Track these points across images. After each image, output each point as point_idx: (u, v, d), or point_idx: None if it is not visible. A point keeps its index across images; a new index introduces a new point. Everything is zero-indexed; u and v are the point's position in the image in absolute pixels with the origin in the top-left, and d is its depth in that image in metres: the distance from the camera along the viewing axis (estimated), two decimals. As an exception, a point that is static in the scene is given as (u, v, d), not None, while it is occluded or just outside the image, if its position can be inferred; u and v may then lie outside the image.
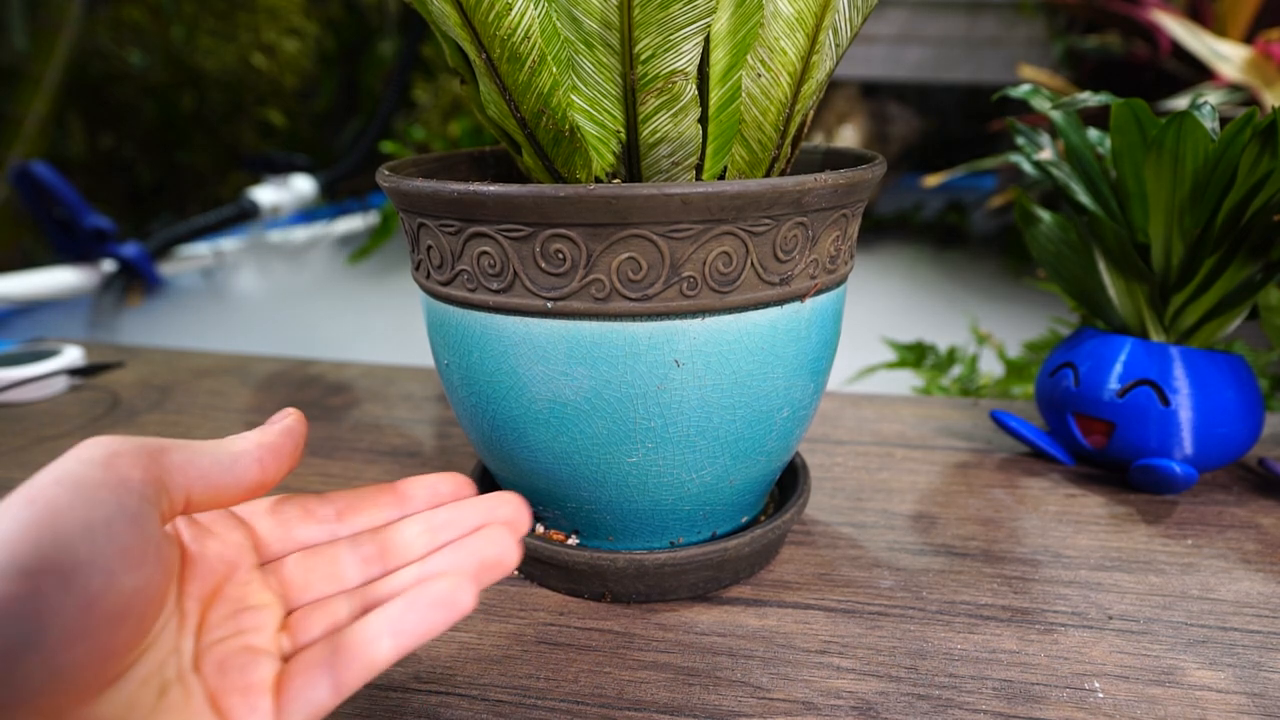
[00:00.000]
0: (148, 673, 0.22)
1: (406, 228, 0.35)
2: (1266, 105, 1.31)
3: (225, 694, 0.23)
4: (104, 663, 0.20)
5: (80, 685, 0.20)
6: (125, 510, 0.21)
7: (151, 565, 0.21)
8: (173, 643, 0.23)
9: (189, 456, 0.23)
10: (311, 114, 3.26)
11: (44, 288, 1.88)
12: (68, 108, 2.64)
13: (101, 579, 0.20)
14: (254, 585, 0.26)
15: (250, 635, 0.24)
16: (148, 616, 0.21)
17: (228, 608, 0.25)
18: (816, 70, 0.32)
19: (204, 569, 0.25)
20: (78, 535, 0.20)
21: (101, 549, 0.20)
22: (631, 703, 0.31)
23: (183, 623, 0.24)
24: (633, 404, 0.32)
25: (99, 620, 0.20)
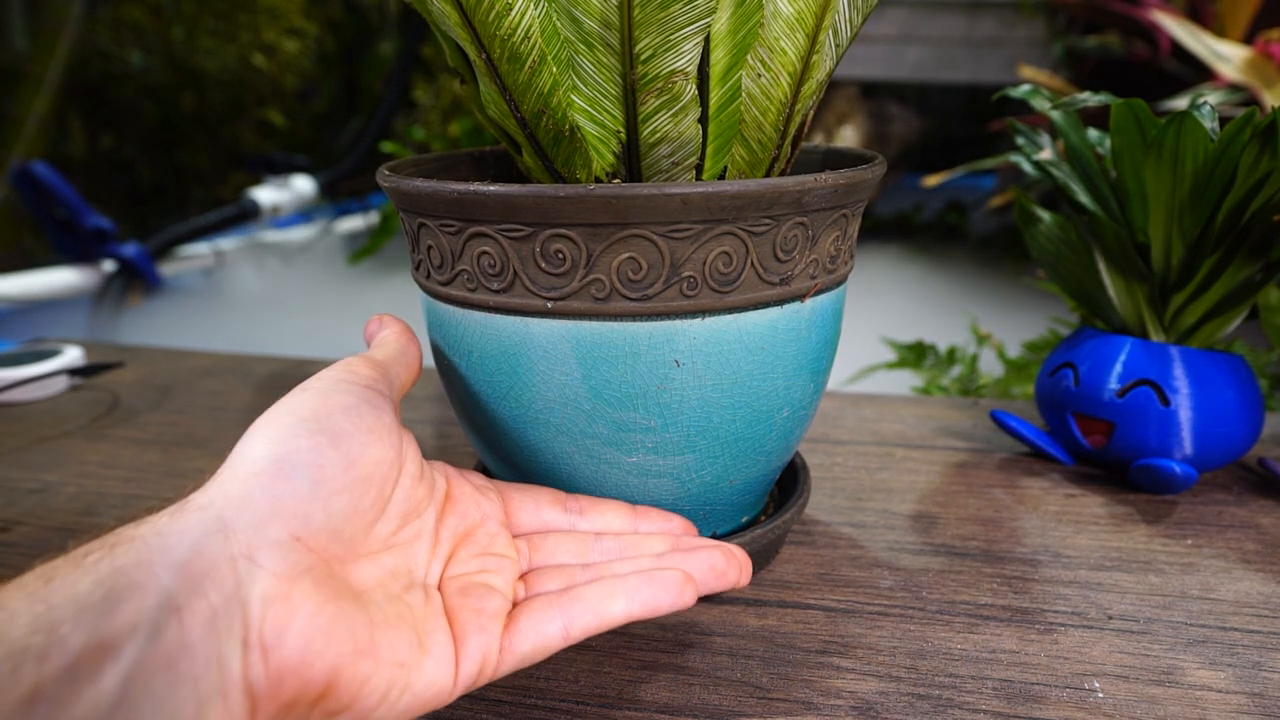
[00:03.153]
0: (397, 566, 0.25)
1: (406, 228, 0.35)
2: (1266, 105, 1.31)
3: (461, 610, 0.26)
4: (358, 521, 0.24)
5: (344, 539, 0.24)
6: (367, 399, 0.26)
7: (386, 443, 0.26)
8: (425, 558, 0.27)
9: (388, 356, 0.30)
10: (311, 114, 3.26)
11: (44, 288, 1.88)
12: (68, 108, 2.64)
13: (358, 445, 0.25)
14: (501, 538, 0.29)
15: (492, 575, 0.28)
16: (386, 486, 0.25)
17: (475, 548, 0.28)
18: (816, 70, 0.32)
19: (461, 510, 0.29)
20: (340, 412, 0.25)
21: (356, 423, 0.25)
22: (631, 703, 0.31)
23: (435, 547, 0.27)
24: (633, 404, 0.32)
25: (356, 479, 0.24)
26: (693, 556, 0.29)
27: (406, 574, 0.26)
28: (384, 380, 0.28)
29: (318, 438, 0.24)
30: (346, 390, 0.26)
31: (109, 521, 0.44)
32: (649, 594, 0.26)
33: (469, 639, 0.25)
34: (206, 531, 0.21)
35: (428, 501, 0.28)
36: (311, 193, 2.44)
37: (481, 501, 0.30)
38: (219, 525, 0.21)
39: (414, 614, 0.24)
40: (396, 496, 0.26)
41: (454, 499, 0.29)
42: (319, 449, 0.24)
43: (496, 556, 0.28)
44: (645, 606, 0.26)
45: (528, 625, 0.26)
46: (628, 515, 0.32)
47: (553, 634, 0.26)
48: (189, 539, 0.21)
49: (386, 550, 0.25)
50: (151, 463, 0.52)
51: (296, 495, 0.23)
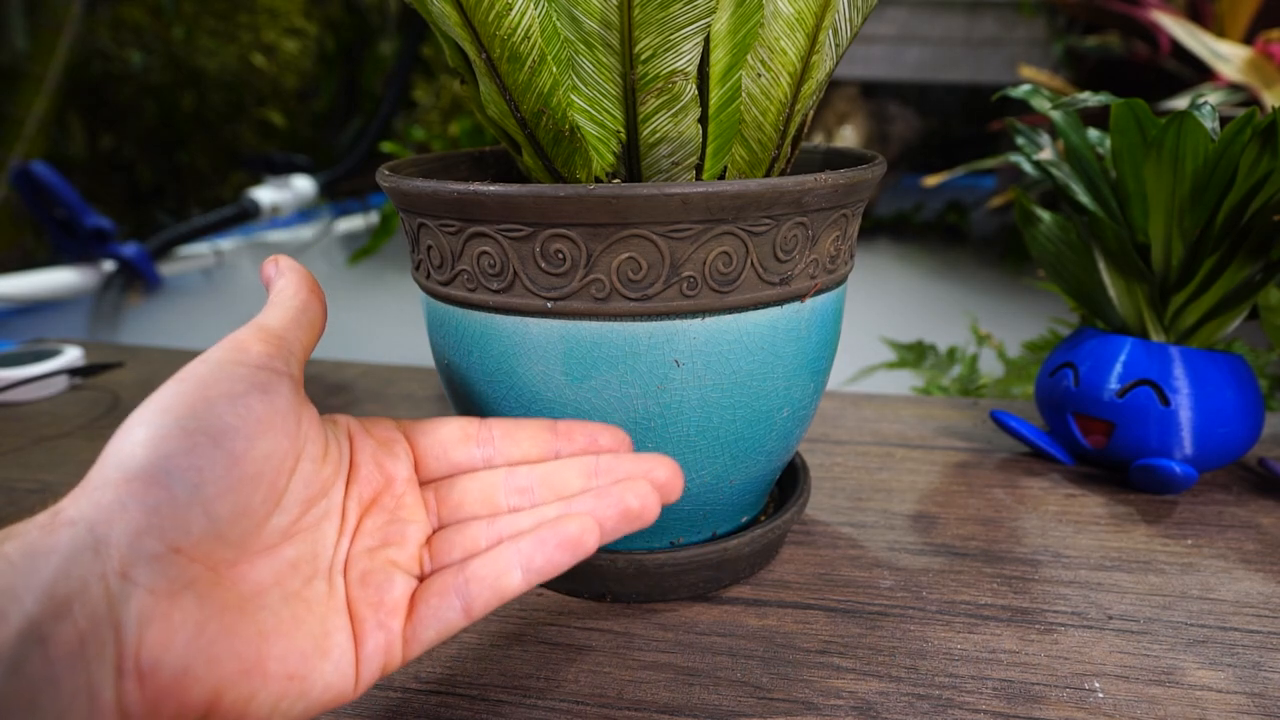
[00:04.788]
0: (299, 556, 0.24)
1: (406, 228, 0.35)
2: (1266, 105, 1.31)
3: (360, 604, 0.25)
4: (246, 521, 0.22)
5: (231, 542, 0.22)
6: (257, 383, 0.24)
7: (278, 432, 0.23)
8: (332, 538, 0.25)
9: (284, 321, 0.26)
10: (311, 114, 3.26)
11: (44, 288, 1.88)
12: (68, 108, 2.64)
13: (243, 441, 0.22)
14: (408, 499, 0.28)
15: (395, 549, 0.26)
16: (280, 478, 0.23)
17: (381, 517, 0.27)
18: (816, 70, 0.32)
19: (365, 475, 0.27)
20: (223, 403, 0.23)
21: (242, 415, 0.23)
22: (631, 703, 0.31)
23: (343, 524, 0.26)
24: (633, 404, 0.32)
25: (241, 478, 0.22)
26: (608, 493, 0.27)
27: (310, 562, 0.24)
28: (279, 354, 0.25)
29: (196, 437, 0.22)
30: (232, 377, 0.23)
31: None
32: (544, 559, 0.25)
33: (369, 637, 0.24)
34: (76, 548, 0.19)
35: (335, 478, 0.26)
36: (311, 193, 2.44)
37: (386, 461, 0.28)
38: (90, 540, 0.20)
39: (313, 613, 0.23)
40: (294, 484, 0.24)
41: (357, 464, 0.27)
42: (198, 449, 0.21)
43: (402, 523, 0.27)
44: (542, 574, 0.25)
45: (428, 613, 0.25)
46: (547, 437, 0.29)
47: (454, 619, 0.25)
48: (56, 558, 0.19)
49: (287, 541, 0.24)
50: (151, 463, 0.52)
51: (174, 503, 0.21)
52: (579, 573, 0.37)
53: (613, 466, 0.28)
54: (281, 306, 0.27)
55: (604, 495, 0.27)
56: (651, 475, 0.28)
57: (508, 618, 0.36)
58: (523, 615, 0.37)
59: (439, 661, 0.34)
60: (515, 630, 0.36)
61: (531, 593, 0.38)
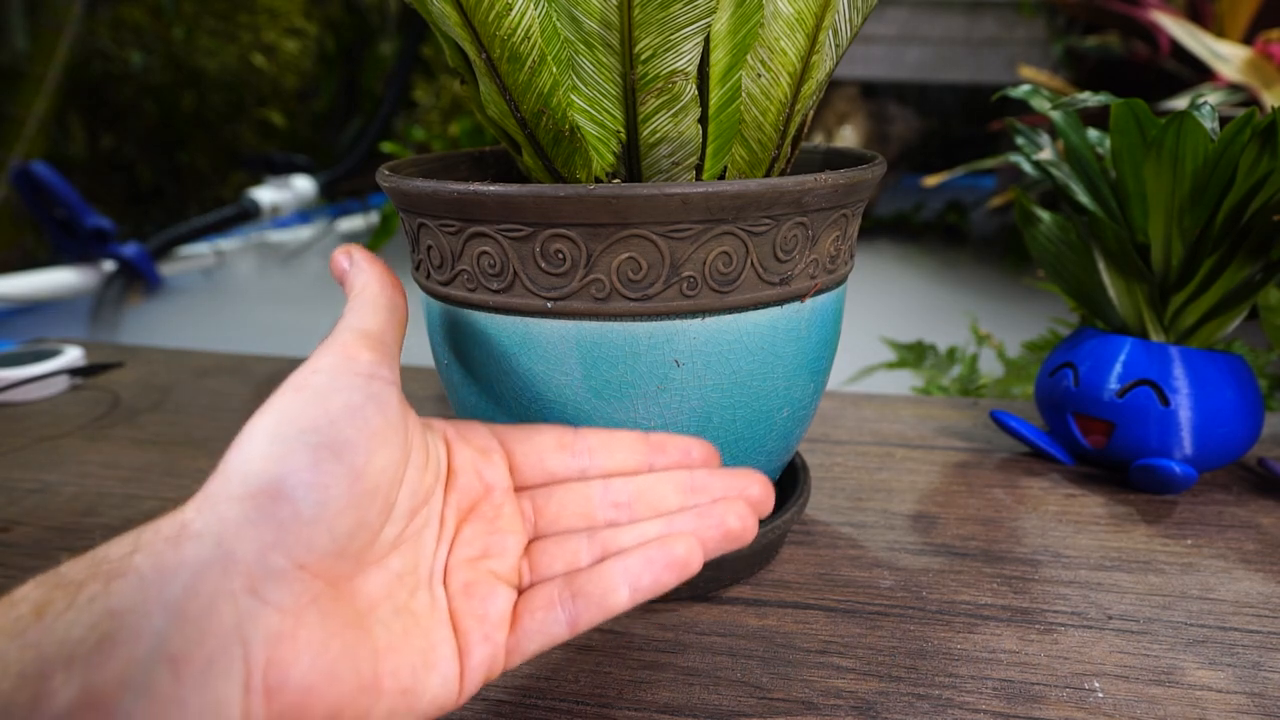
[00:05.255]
0: (404, 568, 0.24)
1: (406, 228, 0.35)
2: (1266, 105, 1.31)
3: (464, 616, 0.24)
4: (364, 535, 0.22)
5: (349, 556, 0.22)
6: (372, 394, 0.23)
7: (393, 444, 0.23)
8: (431, 546, 0.25)
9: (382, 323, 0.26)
10: (311, 114, 3.26)
11: (44, 288, 1.88)
12: (68, 108, 2.64)
13: (363, 456, 0.22)
14: (506, 509, 0.28)
15: (495, 560, 0.26)
16: (391, 494, 0.23)
17: (480, 526, 0.27)
18: (816, 70, 0.32)
19: (464, 484, 0.27)
20: (343, 417, 0.22)
21: (360, 429, 0.22)
22: (631, 703, 0.31)
23: (441, 531, 0.26)
24: (633, 404, 0.32)
25: (362, 493, 0.22)
26: (710, 512, 0.27)
27: (413, 573, 0.24)
28: (385, 360, 0.25)
29: (320, 452, 0.22)
30: (349, 387, 0.23)
31: (113, 527, 0.44)
32: (651, 579, 0.25)
33: (474, 650, 0.24)
34: (204, 563, 0.19)
35: (435, 485, 0.26)
36: (311, 193, 2.44)
37: (484, 469, 0.28)
38: (218, 555, 0.20)
39: (420, 625, 0.23)
40: (403, 494, 0.24)
41: (455, 471, 0.27)
42: (321, 464, 0.21)
43: (501, 534, 0.27)
44: (649, 592, 0.25)
45: (533, 626, 0.25)
46: (641, 449, 0.29)
47: (558, 633, 0.25)
48: (185, 573, 0.19)
49: (393, 551, 0.24)
50: (151, 463, 0.52)
51: (300, 519, 0.21)
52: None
53: (709, 483, 0.28)
54: (373, 306, 0.26)
55: (706, 515, 0.27)
56: (746, 493, 0.27)
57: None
58: (523, 615, 0.37)
59: (439, 661, 0.34)
60: (515, 630, 0.36)
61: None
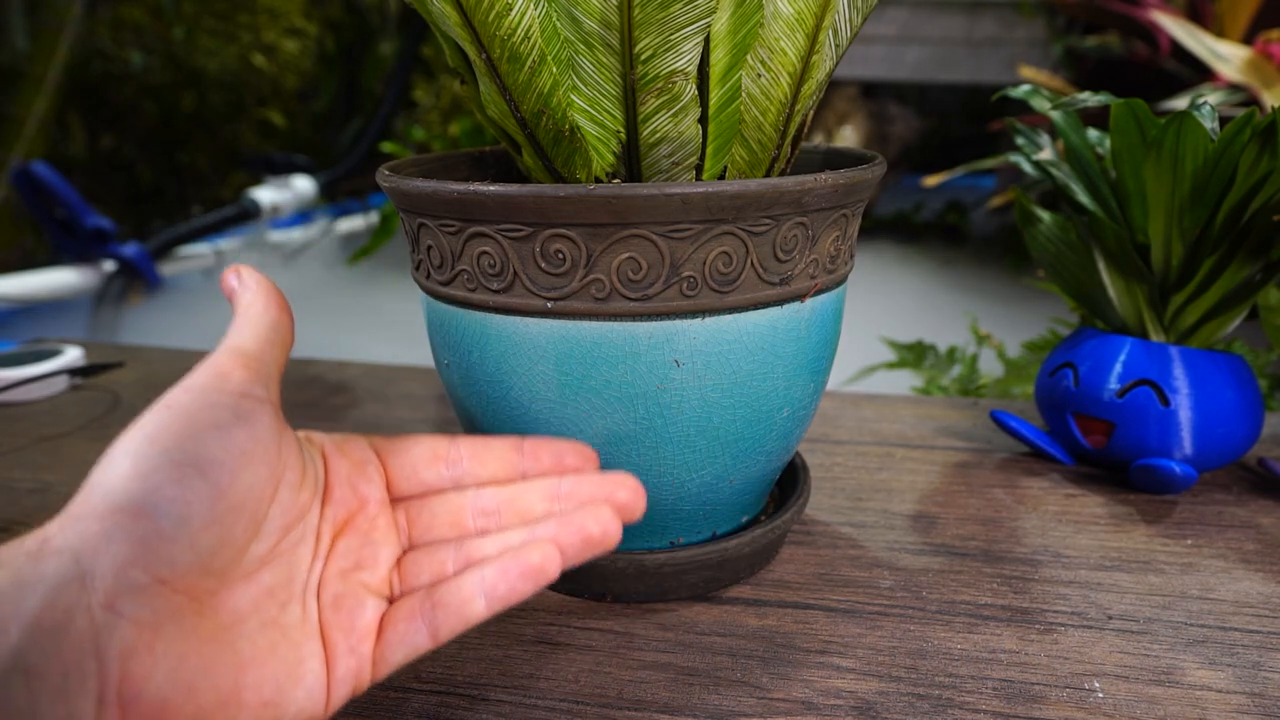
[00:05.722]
0: (275, 582, 0.24)
1: (406, 228, 0.35)
2: (1266, 105, 1.31)
3: (333, 628, 0.25)
4: (228, 551, 0.23)
5: (213, 572, 0.22)
6: (240, 413, 0.24)
7: (261, 462, 0.24)
8: (306, 561, 0.26)
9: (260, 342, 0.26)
10: (311, 114, 3.26)
11: (44, 288, 1.88)
12: (68, 108, 2.64)
13: (228, 474, 0.23)
14: (381, 521, 0.28)
15: (367, 572, 0.27)
16: (261, 507, 0.24)
17: (355, 539, 0.27)
18: (816, 70, 0.32)
19: (339, 496, 0.28)
20: (209, 435, 0.23)
21: (226, 447, 0.23)
22: (631, 703, 0.31)
23: (317, 546, 0.26)
24: (633, 404, 0.32)
25: (225, 510, 0.22)
26: (570, 519, 0.27)
27: (286, 587, 0.25)
28: (259, 379, 0.25)
29: (183, 469, 0.22)
30: (216, 405, 0.24)
31: None
32: (506, 589, 0.25)
33: (340, 662, 0.24)
34: (63, 579, 0.20)
35: (311, 501, 0.26)
36: (311, 193, 2.44)
37: (359, 483, 0.28)
38: (76, 571, 0.20)
39: (288, 639, 0.24)
40: (274, 512, 0.24)
41: (332, 485, 0.28)
42: (184, 482, 0.22)
43: (374, 546, 0.27)
44: (505, 601, 0.26)
45: (396, 638, 0.25)
46: (513, 457, 0.30)
47: (420, 643, 0.25)
48: (42, 588, 0.19)
49: (264, 567, 0.24)
50: (151, 463, 0.52)
51: (160, 535, 0.21)
52: (579, 573, 0.37)
53: (575, 489, 0.28)
54: (253, 325, 0.27)
55: (566, 522, 0.27)
56: (613, 497, 0.28)
57: (508, 618, 0.36)
58: (523, 615, 0.37)
59: (439, 661, 0.34)
60: (515, 630, 0.36)
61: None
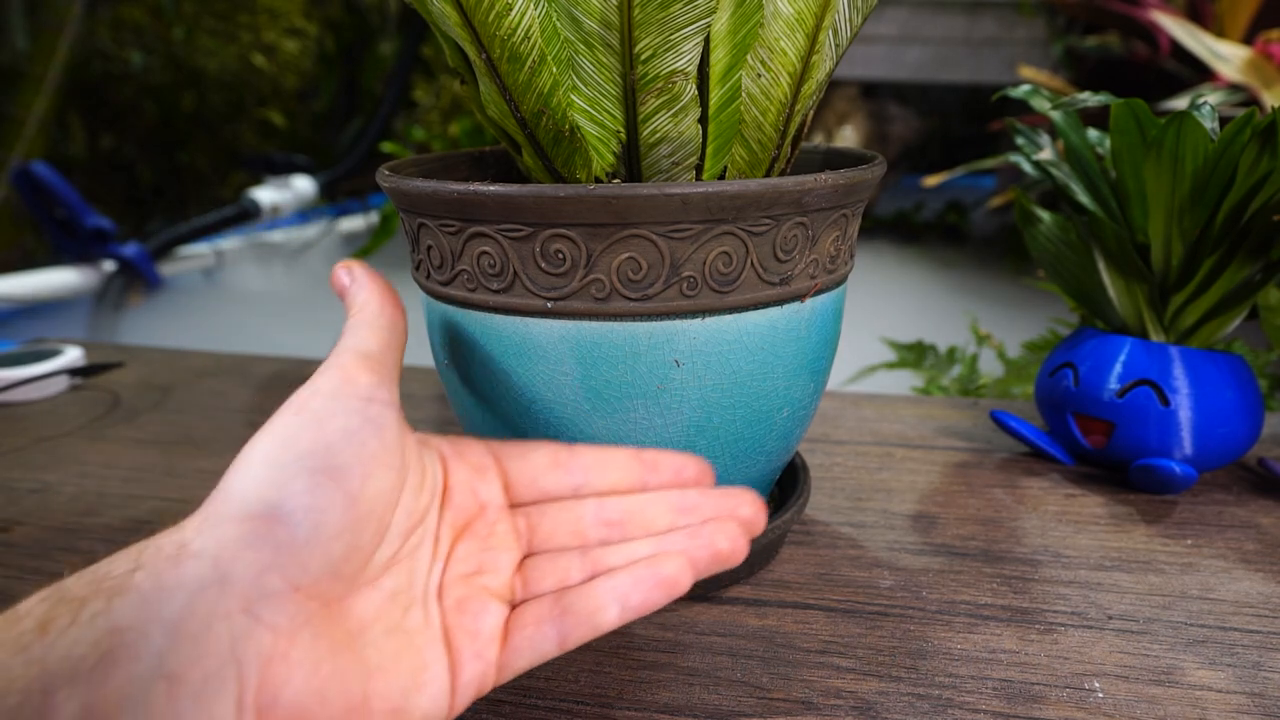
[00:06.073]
0: (398, 587, 0.24)
1: (406, 228, 0.35)
2: (1266, 105, 1.31)
3: (457, 632, 0.25)
4: (358, 557, 0.23)
5: (343, 578, 0.22)
6: (370, 418, 0.24)
7: (389, 467, 0.24)
8: (426, 564, 0.25)
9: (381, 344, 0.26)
10: (311, 114, 3.26)
11: (44, 288, 1.88)
12: (68, 108, 2.64)
13: (359, 480, 0.23)
14: (500, 527, 0.28)
15: (488, 577, 0.26)
16: (386, 517, 0.24)
17: (474, 544, 0.27)
18: (816, 70, 0.32)
19: (459, 503, 0.27)
20: (340, 441, 0.23)
21: (357, 453, 0.23)
22: (631, 703, 0.31)
23: (436, 549, 0.26)
24: (633, 404, 0.32)
25: (357, 517, 0.22)
26: (700, 534, 0.27)
27: (407, 591, 0.25)
28: (384, 383, 0.25)
29: (317, 476, 0.22)
30: (347, 411, 0.24)
31: (113, 527, 0.44)
32: (640, 599, 0.25)
33: (465, 667, 0.24)
34: (202, 583, 0.20)
35: (430, 505, 0.26)
36: (311, 193, 2.44)
37: (479, 487, 0.28)
38: (215, 576, 0.20)
39: (412, 645, 0.24)
40: (398, 517, 0.24)
41: (451, 489, 0.28)
42: (319, 489, 0.22)
43: (494, 551, 0.27)
44: (638, 611, 0.25)
45: (523, 643, 0.25)
46: (635, 468, 0.29)
47: (548, 649, 0.25)
48: (183, 593, 0.20)
49: (387, 572, 0.24)
50: (151, 463, 0.52)
51: (295, 542, 0.21)
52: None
53: (700, 504, 0.28)
54: (372, 327, 0.27)
55: (696, 536, 0.27)
56: (738, 514, 0.27)
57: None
58: (523, 615, 0.37)
59: (439, 661, 0.34)
60: (515, 630, 0.36)
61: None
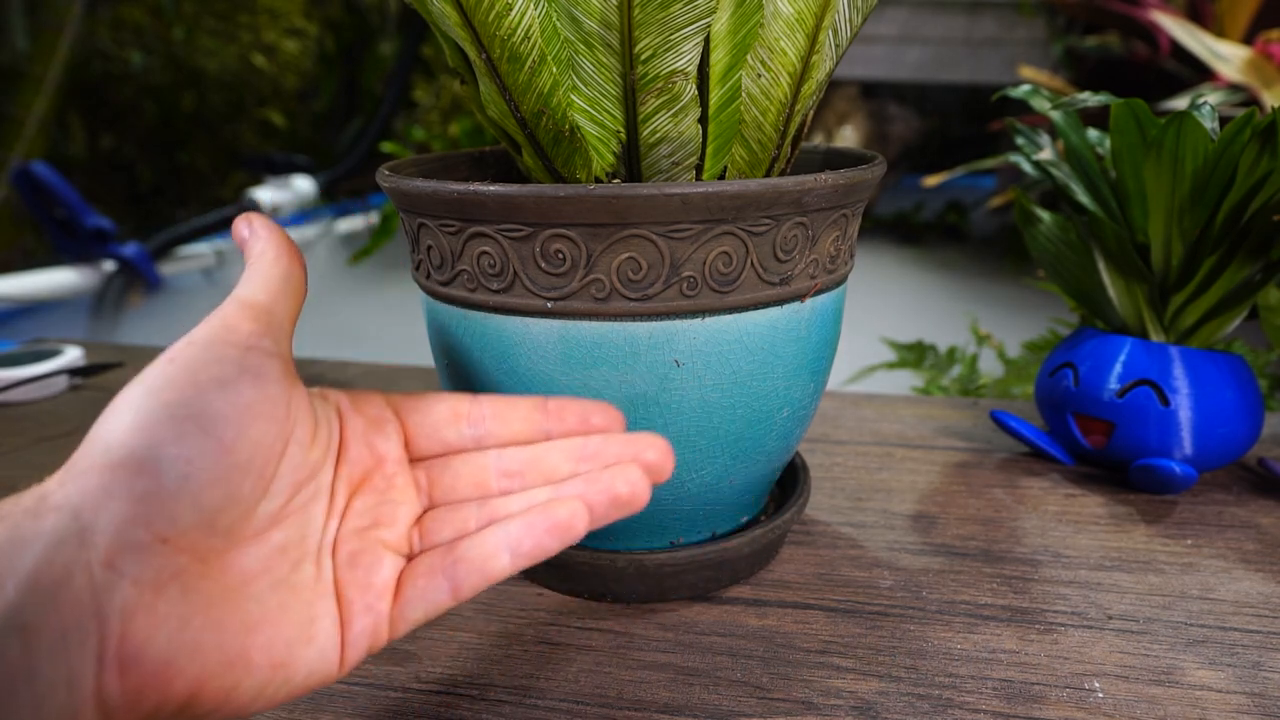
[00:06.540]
0: (287, 540, 0.24)
1: (406, 228, 0.35)
2: (1266, 105, 1.31)
3: (349, 586, 0.24)
4: (235, 509, 0.22)
5: (219, 530, 0.22)
6: (246, 367, 0.23)
7: (268, 418, 0.23)
8: (321, 519, 0.25)
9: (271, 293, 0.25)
10: (311, 114, 3.26)
11: (44, 288, 1.88)
12: (68, 108, 2.64)
13: (233, 429, 0.22)
14: (399, 479, 0.27)
15: (384, 530, 0.26)
16: (269, 464, 0.23)
17: (371, 498, 0.26)
18: (816, 70, 0.32)
19: (355, 455, 0.27)
20: (212, 389, 0.22)
21: (232, 402, 0.22)
22: (631, 703, 0.31)
23: (331, 503, 0.25)
24: (633, 404, 0.32)
25: (231, 467, 0.22)
26: (598, 478, 0.26)
27: (298, 545, 0.24)
28: (269, 331, 0.24)
29: (185, 424, 0.21)
30: (221, 360, 0.23)
31: None
32: (532, 544, 0.25)
33: (356, 620, 0.24)
34: (61, 536, 0.19)
35: (324, 459, 0.25)
36: (311, 193, 2.45)
37: (376, 440, 0.27)
38: (75, 528, 0.19)
39: (300, 598, 0.23)
40: (283, 469, 0.23)
41: (347, 444, 0.27)
42: (187, 438, 0.21)
43: (392, 504, 0.27)
44: (530, 557, 0.25)
45: (415, 594, 0.24)
46: (537, 417, 0.28)
47: (441, 600, 0.25)
48: (40, 544, 0.19)
49: (275, 526, 0.23)
50: (151, 463, 0.52)
51: (162, 493, 0.20)
52: (579, 573, 0.37)
53: (602, 449, 0.27)
54: (263, 275, 0.26)
55: (594, 480, 0.26)
56: (642, 458, 0.26)
57: (508, 618, 0.36)
58: (523, 615, 0.37)
59: (439, 661, 0.34)
60: (515, 630, 0.36)
61: (531, 592, 0.38)
